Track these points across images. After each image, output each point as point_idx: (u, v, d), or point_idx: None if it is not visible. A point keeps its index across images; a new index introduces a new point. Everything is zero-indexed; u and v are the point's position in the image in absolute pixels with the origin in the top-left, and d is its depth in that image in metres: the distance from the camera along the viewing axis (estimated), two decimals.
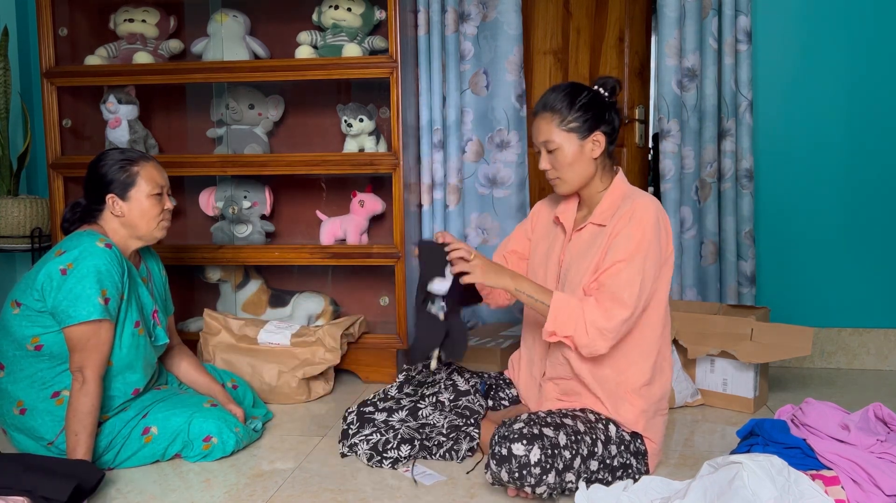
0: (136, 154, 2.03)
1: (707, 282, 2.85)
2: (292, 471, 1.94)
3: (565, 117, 1.81)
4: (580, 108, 1.81)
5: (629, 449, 1.80)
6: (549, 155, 1.85)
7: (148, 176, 1.99)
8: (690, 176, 2.81)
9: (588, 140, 1.82)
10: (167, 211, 2.04)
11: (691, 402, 2.44)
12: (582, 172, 1.85)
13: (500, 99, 2.88)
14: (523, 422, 1.66)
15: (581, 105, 1.81)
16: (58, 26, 2.75)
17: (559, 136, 1.82)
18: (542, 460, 1.61)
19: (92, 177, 2.00)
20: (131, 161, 2.00)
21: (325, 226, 2.85)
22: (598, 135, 1.83)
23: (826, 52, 2.81)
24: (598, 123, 1.83)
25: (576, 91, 1.83)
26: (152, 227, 2.01)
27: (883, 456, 1.65)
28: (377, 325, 2.90)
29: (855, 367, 2.90)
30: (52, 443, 1.92)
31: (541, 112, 1.85)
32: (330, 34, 2.73)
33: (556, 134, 1.82)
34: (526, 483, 1.62)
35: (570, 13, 3.08)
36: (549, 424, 1.68)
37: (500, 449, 1.63)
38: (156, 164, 2.05)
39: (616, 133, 1.88)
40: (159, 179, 2.02)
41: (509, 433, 1.64)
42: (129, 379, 1.97)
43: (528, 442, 1.61)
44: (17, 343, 1.89)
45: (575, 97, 1.82)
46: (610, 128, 1.85)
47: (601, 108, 1.83)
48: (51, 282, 1.85)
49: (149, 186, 1.99)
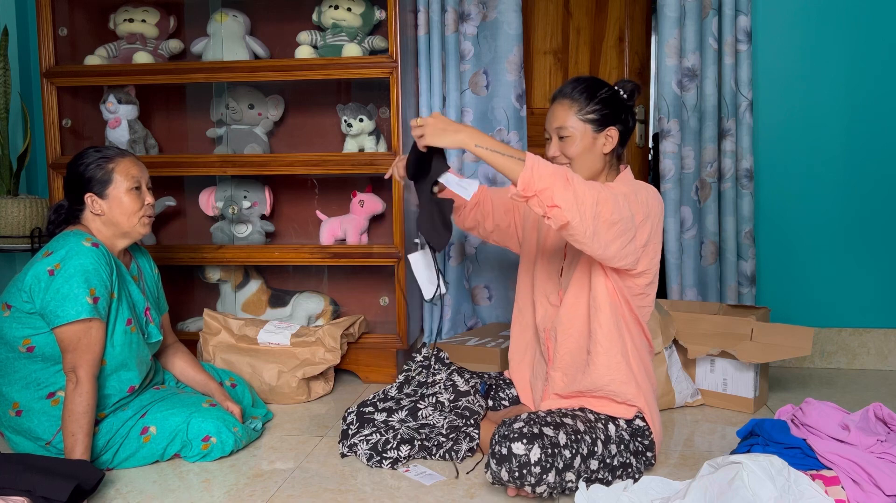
0: (113, 151, 2.01)
1: (707, 282, 2.85)
2: (292, 471, 1.94)
3: (584, 107, 1.83)
4: (600, 101, 1.83)
5: (629, 448, 1.80)
6: (560, 141, 1.85)
7: (124, 171, 1.98)
8: (690, 176, 2.81)
9: (602, 134, 1.84)
10: (149, 205, 2.02)
11: (691, 402, 2.44)
12: (590, 165, 1.85)
13: (500, 99, 2.87)
14: (523, 422, 1.67)
15: (601, 99, 1.83)
16: (58, 26, 2.75)
17: (575, 123, 1.83)
18: (543, 459, 1.61)
19: (70, 177, 2.00)
20: (107, 158, 1.98)
21: (325, 226, 2.85)
22: (612, 130, 1.85)
23: (826, 52, 2.81)
24: (615, 120, 1.85)
25: (597, 85, 1.86)
26: (134, 222, 1.99)
27: (883, 456, 1.65)
28: (377, 325, 2.90)
29: (855, 367, 2.90)
30: (50, 442, 1.91)
31: (559, 98, 1.86)
32: (330, 34, 2.73)
33: (572, 121, 1.83)
34: (526, 482, 1.62)
35: (570, 13, 3.08)
36: (549, 423, 1.69)
37: (500, 448, 1.63)
38: (133, 159, 2.03)
39: (629, 135, 1.90)
40: (136, 173, 2.00)
41: (509, 432, 1.64)
42: (123, 377, 1.97)
43: (528, 441, 1.61)
44: (10, 345, 1.89)
45: (596, 90, 1.84)
46: (624, 127, 1.87)
47: (619, 106, 1.86)
48: (38, 283, 1.84)
49: (126, 182, 1.97)
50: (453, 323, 2.99)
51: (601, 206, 1.60)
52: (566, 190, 1.56)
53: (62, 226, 2.02)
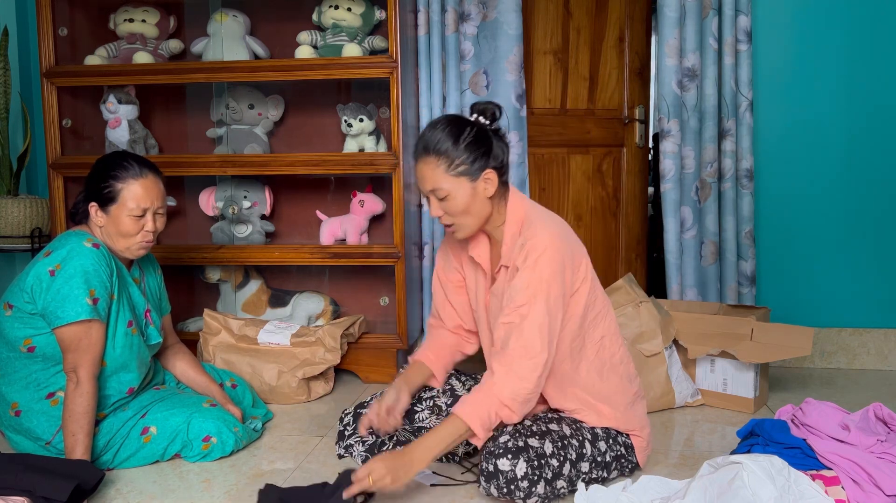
0: (133, 170, 1.91)
1: (707, 283, 2.85)
2: (292, 472, 1.94)
3: (452, 161, 1.66)
4: (465, 148, 1.66)
5: (617, 441, 1.81)
6: (440, 202, 1.70)
7: (132, 195, 1.91)
8: (690, 176, 2.81)
9: (479, 180, 1.69)
10: (147, 232, 1.94)
11: (691, 402, 2.44)
12: (478, 214, 1.72)
13: (500, 99, 2.87)
14: (508, 435, 1.65)
15: (466, 145, 1.67)
16: (58, 26, 2.75)
17: (448, 182, 1.67)
18: (529, 473, 1.61)
19: (88, 177, 1.97)
20: (118, 179, 1.90)
21: (325, 226, 2.85)
22: (490, 172, 1.69)
23: (826, 52, 2.81)
24: (487, 160, 1.69)
25: (458, 129, 1.68)
26: (128, 244, 1.93)
27: (883, 456, 1.65)
28: (377, 325, 2.90)
29: (855, 367, 2.90)
30: (50, 442, 1.92)
31: (423, 156, 1.69)
32: (330, 34, 2.73)
33: (444, 181, 1.67)
34: (516, 497, 1.62)
35: (570, 13, 3.08)
36: (535, 433, 1.68)
37: (486, 465, 1.63)
38: (149, 182, 1.93)
39: (506, 165, 1.74)
40: (143, 202, 1.91)
41: (494, 448, 1.63)
42: (123, 378, 1.97)
43: (512, 456, 1.61)
44: (11, 345, 1.90)
45: (458, 137, 1.67)
46: (499, 162, 1.71)
47: (486, 142, 1.69)
48: (40, 283, 1.84)
49: (130, 205, 1.91)
50: None
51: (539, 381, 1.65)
52: (511, 412, 1.64)
53: (79, 218, 2.00)
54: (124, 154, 1.98)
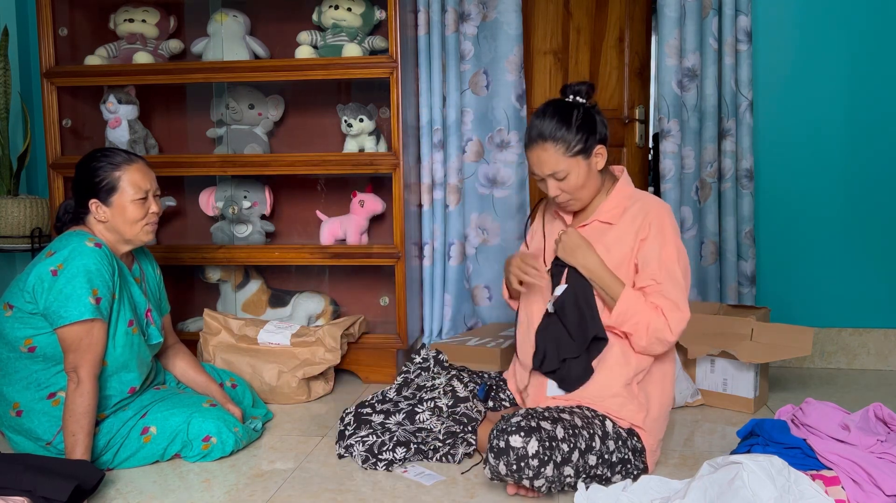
0: (121, 157, 1.97)
1: (707, 283, 2.85)
2: (292, 472, 1.94)
3: (569, 144, 1.79)
4: (578, 129, 1.79)
5: (626, 444, 1.80)
6: (558, 182, 1.83)
7: (131, 181, 1.95)
8: (690, 176, 2.81)
9: (592, 156, 1.83)
10: (153, 214, 1.99)
11: (691, 402, 2.44)
12: (593, 187, 1.87)
13: (500, 99, 2.87)
14: (521, 416, 1.67)
15: (578, 126, 1.80)
16: (58, 26, 2.75)
17: (566, 163, 1.80)
18: (540, 452, 1.61)
19: (77, 180, 1.98)
20: (115, 165, 1.95)
21: (325, 226, 2.85)
22: (600, 147, 1.84)
23: (826, 52, 2.81)
24: (597, 137, 1.83)
25: (567, 113, 1.81)
26: (136, 231, 1.97)
27: (883, 456, 1.65)
28: (377, 325, 2.90)
29: (855, 367, 2.90)
30: (51, 443, 1.91)
31: (540, 143, 1.81)
32: (330, 34, 2.73)
33: (562, 163, 1.80)
34: (524, 475, 1.62)
35: (570, 13, 3.08)
36: (547, 418, 1.69)
37: (497, 442, 1.63)
38: (141, 165, 1.99)
39: (607, 137, 1.88)
40: (143, 184, 1.96)
41: (507, 426, 1.64)
42: (124, 378, 1.97)
43: (525, 434, 1.62)
44: (11, 345, 1.89)
45: (570, 120, 1.79)
46: (603, 136, 1.85)
47: (593, 120, 1.82)
48: (42, 283, 1.84)
49: (132, 191, 1.95)
50: (453, 323, 2.99)
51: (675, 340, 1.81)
52: (645, 338, 1.79)
53: (69, 225, 2.01)
54: (103, 149, 2.02)
